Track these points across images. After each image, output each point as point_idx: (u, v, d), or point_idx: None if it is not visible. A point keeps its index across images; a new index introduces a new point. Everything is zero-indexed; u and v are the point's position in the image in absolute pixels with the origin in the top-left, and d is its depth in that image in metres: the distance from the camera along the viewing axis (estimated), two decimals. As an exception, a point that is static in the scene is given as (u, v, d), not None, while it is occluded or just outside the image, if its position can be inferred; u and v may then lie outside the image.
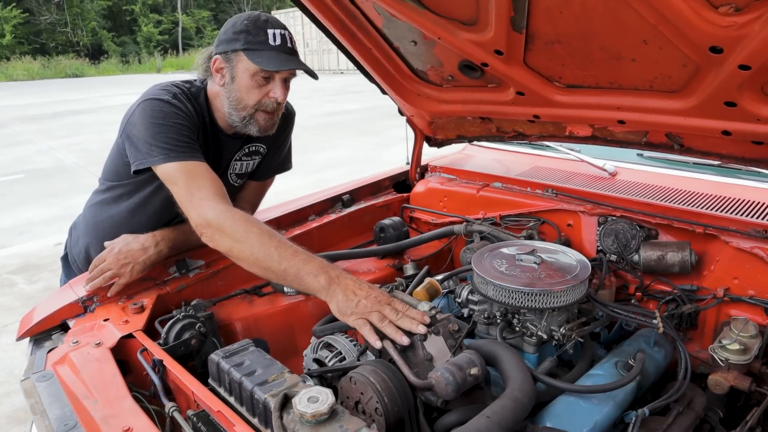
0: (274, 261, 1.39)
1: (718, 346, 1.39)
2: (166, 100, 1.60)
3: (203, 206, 1.48)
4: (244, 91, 1.62)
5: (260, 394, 1.08)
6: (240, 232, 1.44)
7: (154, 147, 1.55)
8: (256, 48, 1.58)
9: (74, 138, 11.31)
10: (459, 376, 1.12)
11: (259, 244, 1.41)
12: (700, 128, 1.51)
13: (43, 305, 1.65)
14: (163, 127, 1.56)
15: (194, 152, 1.57)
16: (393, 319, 1.25)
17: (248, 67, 1.59)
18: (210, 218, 1.47)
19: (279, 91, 1.63)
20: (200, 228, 1.49)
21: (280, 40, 1.59)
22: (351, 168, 8.06)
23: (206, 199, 1.49)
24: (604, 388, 1.25)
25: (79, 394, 1.28)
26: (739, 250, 1.52)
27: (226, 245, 1.46)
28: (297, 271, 1.37)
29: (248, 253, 1.43)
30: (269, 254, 1.40)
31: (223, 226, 1.45)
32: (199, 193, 1.50)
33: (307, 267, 1.37)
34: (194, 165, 1.55)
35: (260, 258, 1.41)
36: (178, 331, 1.47)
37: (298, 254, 1.40)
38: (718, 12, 1.14)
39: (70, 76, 29.84)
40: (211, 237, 1.48)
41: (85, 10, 35.42)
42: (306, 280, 1.37)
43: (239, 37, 1.59)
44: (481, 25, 1.56)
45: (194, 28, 39.72)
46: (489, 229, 1.89)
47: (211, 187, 1.52)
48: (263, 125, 1.69)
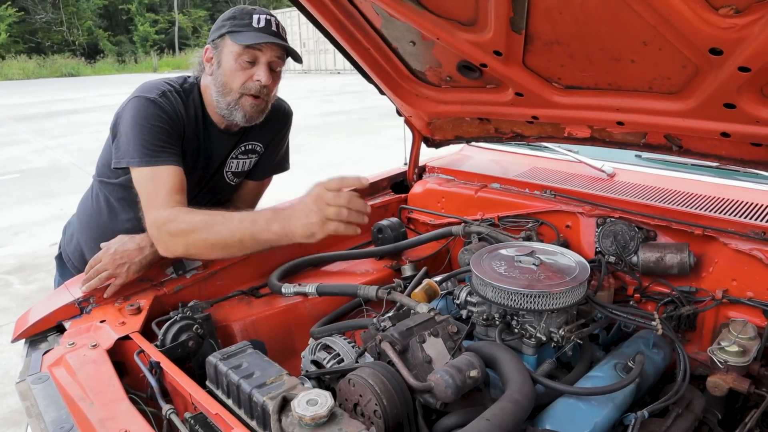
0: (226, 236, 1.45)
1: (716, 347, 1.39)
2: (152, 98, 1.61)
3: (153, 214, 1.54)
4: (228, 74, 1.63)
5: (259, 396, 1.07)
6: (185, 225, 1.49)
7: (132, 148, 1.58)
8: (240, 30, 1.60)
9: (70, 137, 11.27)
10: (458, 379, 1.11)
11: (205, 228, 1.46)
12: (699, 130, 1.51)
13: (39, 306, 1.64)
14: (144, 128, 1.58)
15: (167, 156, 1.59)
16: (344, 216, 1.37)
17: (232, 49, 1.61)
18: (159, 224, 1.52)
19: (263, 74, 1.63)
20: (154, 239, 1.55)
21: (264, 23, 1.61)
22: (347, 168, 8.06)
23: (156, 209, 1.54)
24: (604, 390, 1.25)
25: (75, 397, 1.27)
26: (737, 252, 1.52)
27: (181, 243, 1.51)
28: (251, 234, 1.44)
29: (201, 241, 1.48)
30: (219, 232, 1.46)
31: (170, 228, 1.50)
32: (153, 202, 1.55)
33: (257, 227, 1.44)
34: (160, 171, 1.57)
35: (213, 240, 1.47)
36: (175, 332, 1.46)
37: (243, 220, 1.45)
38: (719, 13, 1.14)
39: (65, 75, 29.75)
40: (165, 244, 1.54)
41: (81, 9, 35.31)
42: (262, 237, 1.45)
43: (226, 23, 1.63)
44: (480, 25, 1.55)
45: (191, 27, 39.64)
46: (487, 230, 1.88)
47: (165, 194, 1.55)
48: (249, 111, 1.68)
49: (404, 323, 1.28)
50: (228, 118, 1.71)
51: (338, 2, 1.77)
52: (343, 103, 14.51)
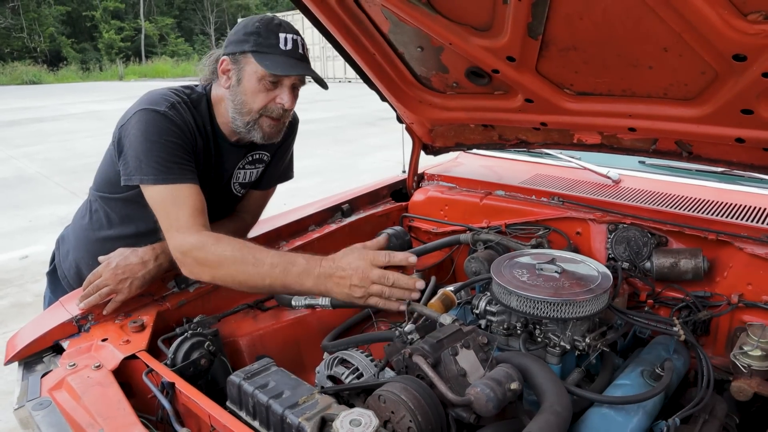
0: (257, 281, 1.41)
1: (739, 352, 1.39)
2: (162, 111, 1.52)
3: (178, 238, 1.47)
4: (249, 94, 1.56)
5: (293, 417, 1.02)
6: (214, 259, 1.44)
7: (144, 164, 1.50)
8: (266, 51, 1.52)
9: (35, 147, 10.88)
10: (499, 392, 1.07)
11: (235, 268, 1.42)
12: (713, 136, 1.52)
13: (32, 326, 1.54)
14: (156, 144, 1.50)
15: (184, 173, 1.52)
16: (387, 295, 1.35)
17: (256, 70, 1.53)
18: (185, 250, 1.46)
19: (287, 97, 1.57)
20: (179, 261, 1.49)
21: (292, 45, 1.54)
22: (326, 177, 7.99)
23: (181, 231, 1.47)
24: (638, 399, 1.23)
25: (82, 423, 1.19)
26: (753, 256, 1.53)
27: (207, 274, 1.47)
28: (282, 283, 1.40)
29: (229, 278, 1.44)
30: (249, 274, 1.41)
31: (197, 256, 1.45)
32: (177, 224, 1.48)
33: (289, 278, 1.39)
34: (179, 189, 1.50)
35: (242, 281, 1.43)
36: (186, 350, 1.38)
37: (275, 266, 1.40)
38: (747, 20, 1.14)
39: (27, 82, 28.83)
40: (190, 270, 1.48)
41: (43, 15, 34.35)
42: (294, 289, 1.41)
43: (249, 38, 1.53)
44: (495, 30, 1.54)
45: (157, 35, 39.00)
46: (498, 238, 1.86)
47: (189, 216, 1.49)
48: (268, 132, 1.62)
49: (433, 335, 1.24)
50: (245, 136, 1.65)
51: (345, 5, 1.73)
52: (316, 112, 14.42)
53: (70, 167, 8.81)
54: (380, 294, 1.35)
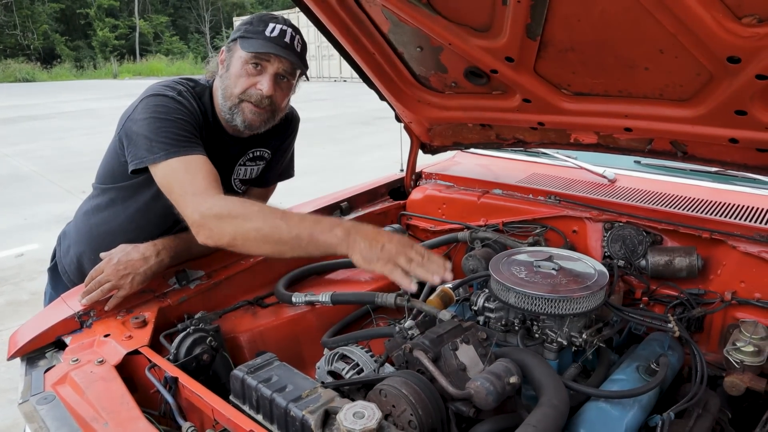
0: (283, 231, 1.35)
1: (732, 348, 1.42)
2: (170, 95, 1.56)
3: (198, 200, 1.43)
4: (233, 78, 1.60)
5: (297, 411, 1.03)
6: (239, 210, 1.39)
7: (154, 143, 1.49)
8: (251, 36, 1.57)
9: (30, 144, 10.83)
10: (498, 386, 1.10)
11: (262, 219, 1.37)
12: (707, 136, 1.55)
13: (34, 322, 1.55)
14: (165, 121, 1.50)
15: (195, 146, 1.51)
16: (420, 262, 1.28)
17: (240, 54, 1.58)
18: (204, 209, 1.40)
19: (266, 83, 1.58)
20: (197, 224, 1.42)
21: (278, 33, 1.56)
22: (322, 176, 7.99)
23: (199, 194, 1.43)
24: (633, 393, 1.26)
25: (86, 417, 1.20)
26: (746, 255, 1.56)
27: (229, 231, 1.39)
28: (310, 233, 1.35)
29: (254, 231, 1.37)
30: (276, 225, 1.36)
31: (221, 212, 1.39)
32: (193, 188, 1.44)
33: (318, 227, 1.35)
34: (192, 159, 1.49)
35: (268, 233, 1.36)
36: (189, 345, 1.40)
37: (305, 219, 1.39)
38: (741, 23, 1.17)
39: (20, 80, 28.63)
40: (210, 230, 1.41)
41: (36, 13, 34.10)
42: (321, 238, 1.34)
43: (241, 27, 1.60)
44: (494, 31, 1.56)
45: (152, 33, 38.80)
46: (495, 236, 1.88)
47: (204, 180, 1.46)
48: (249, 118, 1.62)
49: (433, 331, 1.26)
50: (230, 122, 1.66)
51: (346, 5, 1.75)
52: (312, 111, 14.41)
53: (66, 165, 8.78)
54: (405, 264, 1.28)
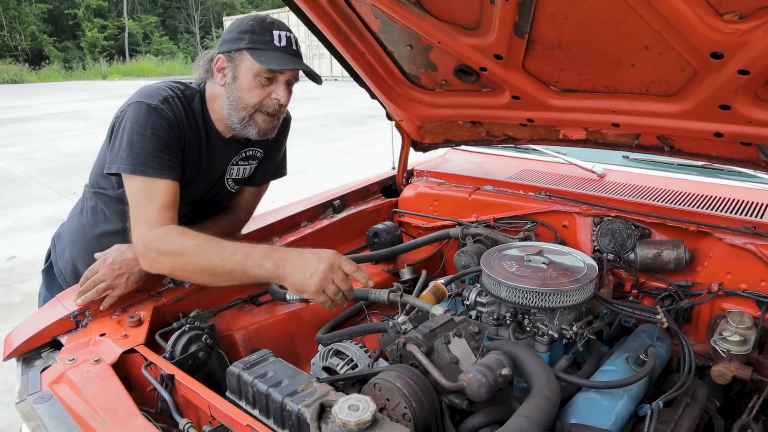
0: (217, 266, 1.43)
1: (719, 338, 1.45)
2: (153, 105, 1.55)
3: (143, 230, 1.49)
4: (245, 90, 1.59)
5: (292, 405, 1.05)
6: (177, 246, 1.46)
7: (125, 154, 1.52)
8: (261, 47, 1.55)
9: (19, 146, 10.74)
10: (490, 377, 1.12)
11: (198, 254, 1.44)
12: (693, 130, 1.58)
13: (29, 322, 1.55)
14: (142, 136, 1.53)
15: (162, 169, 1.54)
16: (344, 289, 1.39)
17: (251, 66, 1.56)
18: (148, 241, 1.48)
19: (282, 93, 1.60)
20: (140, 253, 1.50)
21: (285, 42, 1.57)
22: (313, 174, 7.99)
23: (146, 224, 1.50)
24: (623, 383, 1.28)
25: (84, 415, 1.21)
26: (732, 246, 1.60)
27: (168, 264, 1.48)
28: (242, 267, 1.42)
29: (191, 265, 1.46)
30: (210, 261, 1.43)
31: (160, 246, 1.47)
32: (143, 217, 1.51)
33: (249, 260, 1.41)
34: (154, 183, 1.52)
35: (203, 267, 1.45)
36: (184, 343, 1.41)
37: (237, 251, 1.43)
38: (723, 19, 1.20)
39: (8, 82, 28.34)
40: (151, 260, 1.49)
41: (23, 13, 33.74)
42: (252, 272, 1.41)
43: (244, 36, 1.57)
44: (482, 29, 1.58)
45: (141, 33, 38.50)
46: (487, 232, 1.91)
47: (157, 211, 1.51)
48: (263, 127, 1.65)
49: (426, 325, 1.28)
50: (240, 132, 1.67)
51: (336, 4, 1.77)
52: (303, 110, 14.40)
53: (56, 167, 8.73)
54: (333, 295, 1.39)
